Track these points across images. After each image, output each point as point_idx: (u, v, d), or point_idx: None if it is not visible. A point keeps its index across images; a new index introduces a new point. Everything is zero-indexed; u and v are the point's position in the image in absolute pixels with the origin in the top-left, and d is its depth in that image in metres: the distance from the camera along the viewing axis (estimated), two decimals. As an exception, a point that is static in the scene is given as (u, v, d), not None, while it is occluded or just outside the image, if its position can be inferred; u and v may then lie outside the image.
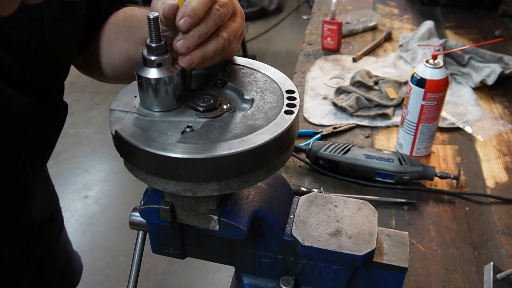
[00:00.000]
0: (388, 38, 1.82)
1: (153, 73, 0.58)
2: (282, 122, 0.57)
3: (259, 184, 0.70)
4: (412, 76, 1.14)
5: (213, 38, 0.60)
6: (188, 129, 0.57)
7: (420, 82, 1.12)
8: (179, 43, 0.59)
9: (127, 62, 0.86)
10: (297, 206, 0.73)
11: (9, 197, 0.88)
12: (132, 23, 0.83)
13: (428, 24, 1.72)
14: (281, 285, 0.73)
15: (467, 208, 1.09)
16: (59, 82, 0.89)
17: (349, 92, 1.42)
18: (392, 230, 0.73)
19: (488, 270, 0.83)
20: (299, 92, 0.66)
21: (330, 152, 1.15)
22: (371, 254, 0.67)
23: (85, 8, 0.86)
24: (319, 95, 1.47)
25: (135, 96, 0.62)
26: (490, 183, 1.16)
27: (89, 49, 0.95)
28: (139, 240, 0.76)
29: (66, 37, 0.82)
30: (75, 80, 3.91)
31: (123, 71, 0.91)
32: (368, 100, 1.39)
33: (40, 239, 1.06)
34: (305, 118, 1.37)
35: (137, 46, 0.82)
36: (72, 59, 0.90)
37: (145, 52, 0.59)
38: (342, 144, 1.16)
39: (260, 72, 0.67)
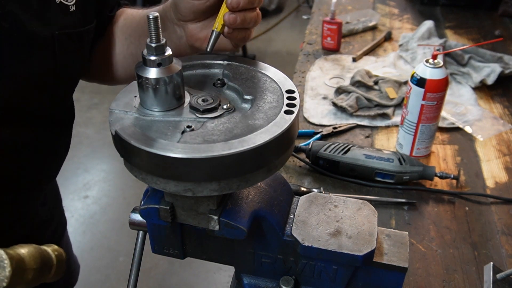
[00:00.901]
0: (388, 38, 1.82)
1: (153, 73, 0.58)
2: (282, 122, 0.57)
3: (259, 184, 0.70)
4: (412, 76, 1.14)
5: (250, 11, 0.71)
6: (188, 129, 0.57)
7: (420, 82, 1.12)
8: (230, 16, 0.69)
9: (129, 56, 0.92)
10: (297, 206, 0.73)
11: (23, 197, 0.90)
12: (141, 23, 0.91)
13: (428, 24, 1.72)
14: (281, 285, 0.73)
15: (467, 208, 1.09)
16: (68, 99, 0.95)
17: (349, 92, 1.42)
18: (392, 230, 0.73)
19: (488, 270, 0.83)
20: (299, 92, 0.66)
21: (330, 152, 1.15)
22: (371, 254, 0.67)
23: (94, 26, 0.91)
24: (319, 95, 1.47)
25: (135, 96, 0.62)
26: (490, 183, 1.16)
27: (95, 53, 0.96)
28: (139, 240, 0.76)
29: (74, 66, 0.88)
30: (75, 80, 3.91)
31: (124, 68, 0.97)
32: (368, 100, 1.39)
33: (45, 238, 1.06)
34: (305, 118, 1.37)
35: (140, 41, 0.90)
36: (78, 80, 0.95)
37: (145, 52, 0.59)
38: (342, 144, 1.16)
39: (260, 72, 0.67)
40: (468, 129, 1.33)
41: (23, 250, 0.61)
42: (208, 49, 0.71)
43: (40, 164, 0.93)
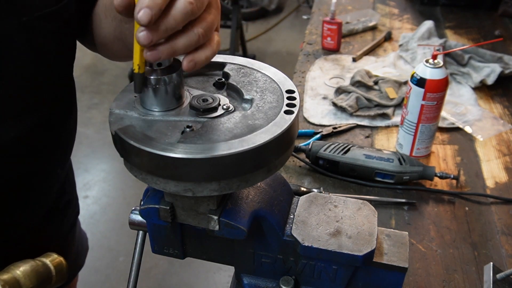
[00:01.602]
0: (388, 38, 1.82)
1: (153, 73, 0.58)
2: (282, 122, 0.57)
3: (259, 184, 0.70)
4: (412, 76, 1.14)
5: (185, 33, 0.54)
6: (188, 129, 0.57)
7: (420, 82, 1.12)
8: (141, 34, 0.51)
9: (116, 41, 0.83)
10: (297, 206, 0.73)
11: (40, 186, 0.92)
12: None
13: (428, 24, 1.72)
14: (281, 285, 0.73)
15: (467, 208, 1.09)
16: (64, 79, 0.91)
17: (349, 92, 1.42)
18: (392, 230, 0.73)
19: (488, 270, 0.83)
20: (299, 92, 0.66)
21: (330, 152, 1.15)
22: (371, 254, 0.67)
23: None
24: (319, 95, 1.47)
25: (135, 96, 0.62)
26: (490, 183, 1.16)
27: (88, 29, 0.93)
28: (139, 240, 0.76)
29: (58, 46, 0.82)
30: (75, 80, 3.91)
31: (114, 50, 0.89)
32: (368, 100, 1.39)
33: (62, 223, 1.09)
34: (305, 118, 1.37)
35: (122, 25, 0.79)
36: (71, 62, 0.90)
37: None
38: (342, 144, 1.16)
39: (260, 72, 0.67)
40: (468, 129, 1.33)
41: (18, 271, 0.61)
42: (135, 92, 0.59)
43: (53, 143, 0.90)
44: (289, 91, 0.63)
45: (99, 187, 2.96)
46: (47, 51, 0.80)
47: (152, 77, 0.58)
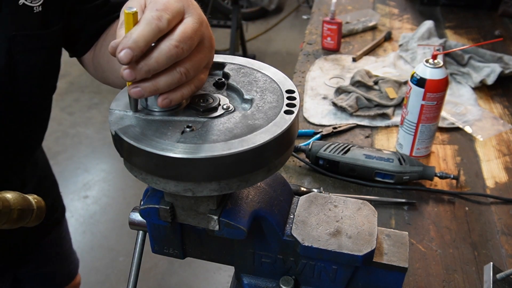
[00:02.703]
0: (388, 38, 1.82)
1: None
2: (282, 122, 0.57)
3: (259, 184, 0.70)
4: (412, 76, 1.14)
5: (167, 72, 0.55)
6: (188, 129, 0.57)
7: (420, 82, 1.12)
8: (125, 72, 0.53)
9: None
10: (297, 206, 0.73)
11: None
12: None
13: (428, 24, 1.72)
14: (281, 285, 0.73)
15: (467, 208, 1.09)
16: (43, 97, 0.97)
17: (349, 92, 1.42)
18: (392, 230, 0.73)
19: (488, 270, 0.83)
20: (299, 92, 0.66)
21: (330, 152, 1.15)
22: (371, 254, 0.67)
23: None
24: (319, 95, 1.47)
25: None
26: (490, 183, 1.16)
27: (91, 49, 0.97)
28: (139, 240, 0.76)
29: (36, 65, 0.88)
30: (75, 80, 3.91)
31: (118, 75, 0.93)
32: (368, 100, 1.39)
33: (49, 225, 1.10)
34: (305, 118, 1.37)
35: None
36: (54, 80, 0.97)
37: None
38: (342, 144, 1.16)
39: (260, 72, 0.67)
40: (468, 129, 1.33)
41: (8, 194, 0.69)
42: (132, 110, 0.60)
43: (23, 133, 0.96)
44: (289, 91, 0.63)
45: (99, 187, 2.96)
46: (27, 68, 0.86)
47: None
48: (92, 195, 2.89)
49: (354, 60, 1.66)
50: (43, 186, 1.14)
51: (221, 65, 0.69)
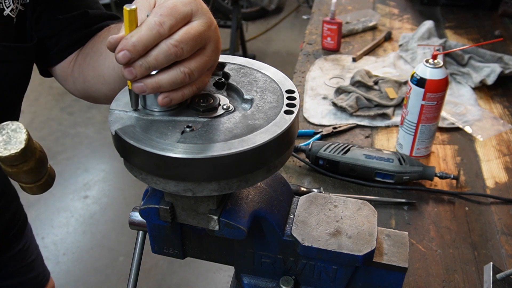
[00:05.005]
0: (388, 38, 1.82)
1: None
2: (282, 122, 0.57)
3: (259, 184, 0.70)
4: (412, 76, 1.14)
5: (170, 70, 0.56)
6: (188, 129, 0.57)
7: (420, 82, 1.12)
8: (126, 70, 0.55)
9: (116, 73, 0.85)
10: (297, 206, 0.73)
11: None
12: None
13: (428, 24, 1.72)
14: (281, 285, 0.73)
15: (466, 208, 1.09)
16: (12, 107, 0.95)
17: (349, 92, 1.42)
18: (392, 230, 0.73)
19: (488, 270, 0.83)
20: (299, 92, 0.66)
21: (330, 152, 1.15)
22: (371, 254, 0.67)
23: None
24: (319, 95, 1.47)
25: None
26: (490, 183, 1.16)
27: (70, 61, 0.96)
28: (139, 240, 0.76)
29: (15, 76, 0.87)
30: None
31: (111, 83, 0.90)
32: (368, 100, 1.39)
33: (9, 237, 1.08)
34: (305, 118, 1.37)
35: None
36: (22, 92, 0.95)
37: None
38: (342, 144, 1.16)
39: (260, 72, 0.67)
40: (468, 129, 1.33)
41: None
42: (132, 108, 0.61)
43: None
44: (289, 91, 0.63)
45: (99, 187, 2.96)
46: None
47: None
48: (92, 195, 2.89)
49: (354, 60, 1.66)
50: (5, 201, 1.09)
51: (221, 65, 0.69)
